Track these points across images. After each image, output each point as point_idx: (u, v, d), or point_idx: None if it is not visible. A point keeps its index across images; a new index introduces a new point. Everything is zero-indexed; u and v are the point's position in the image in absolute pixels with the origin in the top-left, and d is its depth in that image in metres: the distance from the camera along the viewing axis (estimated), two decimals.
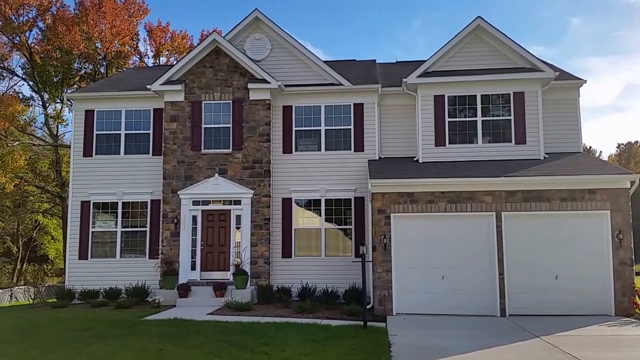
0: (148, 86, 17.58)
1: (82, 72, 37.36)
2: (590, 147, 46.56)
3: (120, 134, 18.21)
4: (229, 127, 17.34)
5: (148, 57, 39.57)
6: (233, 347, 9.79)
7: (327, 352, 9.44)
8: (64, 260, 19.96)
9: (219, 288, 15.56)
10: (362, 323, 12.05)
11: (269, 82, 17.05)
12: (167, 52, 39.13)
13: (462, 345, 10.20)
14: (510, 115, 16.50)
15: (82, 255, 17.78)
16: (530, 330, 11.59)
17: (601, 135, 70.49)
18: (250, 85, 17.23)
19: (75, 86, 36.92)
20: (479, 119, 16.63)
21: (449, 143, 16.63)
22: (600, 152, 51.95)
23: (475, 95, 16.66)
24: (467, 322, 12.86)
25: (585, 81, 17.05)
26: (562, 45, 75.39)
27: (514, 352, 9.75)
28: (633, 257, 13.87)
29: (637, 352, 9.86)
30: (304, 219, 17.33)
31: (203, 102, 17.50)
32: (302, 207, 17.37)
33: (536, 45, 73.60)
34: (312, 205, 17.31)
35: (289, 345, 9.99)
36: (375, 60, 20.89)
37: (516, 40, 16.70)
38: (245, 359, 9.01)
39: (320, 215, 17.17)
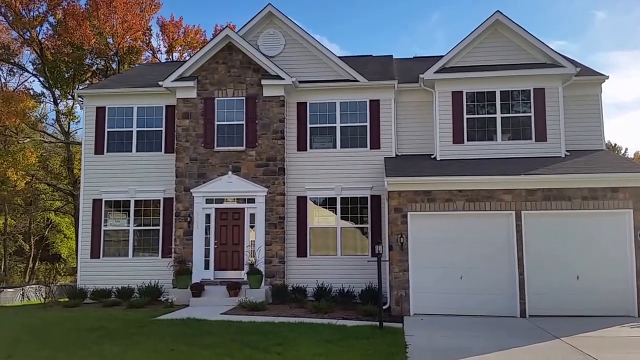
0: (160, 83, 17.81)
1: (94, 67, 37.82)
2: (615, 145, 45.81)
3: (132, 131, 18.47)
4: (242, 124, 17.52)
5: (161, 53, 40.02)
6: (246, 347, 9.97)
7: (341, 353, 9.58)
8: (76, 259, 20.31)
9: (233, 287, 15.75)
10: (378, 323, 12.14)
11: (283, 79, 17.20)
12: (180, 48, 39.52)
13: (479, 346, 10.29)
14: (530, 111, 16.51)
15: (94, 254, 18.08)
16: (550, 332, 11.64)
17: (626, 132, 69.58)
18: (263, 82, 17.40)
19: (87, 82, 37.36)
20: (498, 115, 16.65)
21: (468, 140, 16.68)
22: (626, 149, 51.01)
23: (495, 92, 16.69)
24: (485, 322, 12.96)
25: (607, 77, 17.01)
26: (586, 39, 74.36)
27: (533, 353, 9.83)
28: None
29: None
30: (319, 218, 17.47)
31: (216, 98, 17.70)
32: (317, 205, 17.52)
33: (559, 40, 72.74)
34: (327, 203, 17.44)
35: (302, 345, 10.14)
36: (392, 55, 20.93)
37: (538, 35, 16.77)
38: (258, 359, 9.16)
39: (335, 214, 17.28)
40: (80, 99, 19.75)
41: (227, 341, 10.49)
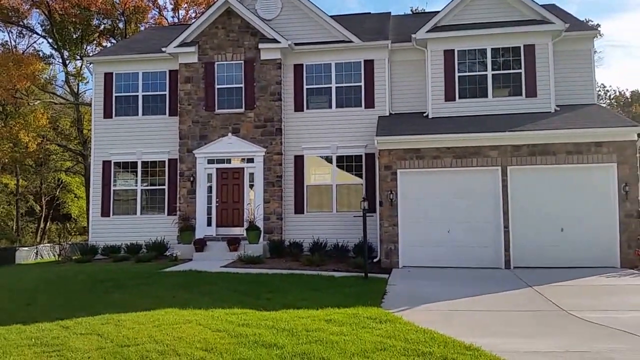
0: (163, 48, 19.03)
1: (101, 28, 38.92)
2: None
3: (137, 95, 19.87)
4: (241, 87, 18.72)
5: (167, 11, 41.08)
6: (240, 294, 11.38)
7: (323, 298, 10.87)
8: (87, 217, 22.02)
9: (233, 243, 17.23)
10: (364, 274, 13.38)
11: (279, 42, 18.24)
12: (185, 5, 40.26)
13: (452, 292, 11.51)
14: (520, 68, 17.33)
15: (105, 213, 19.73)
16: (526, 281, 12.65)
17: None
18: (261, 45, 18.46)
19: (95, 42, 38.62)
20: (489, 72, 17.51)
21: (459, 98, 17.59)
22: None
23: (485, 49, 17.53)
24: (469, 274, 14.05)
25: (598, 31, 17.83)
26: None
27: (496, 299, 10.99)
28: (639, 209, 14.72)
29: (615, 298, 10.97)
30: (315, 176, 18.68)
31: (216, 63, 18.86)
32: (313, 164, 18.72)
33: None
34: (323, 162, 18.62)
35: (290, 292, 11.51)
36: (389, 13, 21.77)
37: None
38: (249, 303, 10.47)
39: (331, 172, 18.50)
40: (89, 64, 21.09)
41: (224, 289, 11.95)
